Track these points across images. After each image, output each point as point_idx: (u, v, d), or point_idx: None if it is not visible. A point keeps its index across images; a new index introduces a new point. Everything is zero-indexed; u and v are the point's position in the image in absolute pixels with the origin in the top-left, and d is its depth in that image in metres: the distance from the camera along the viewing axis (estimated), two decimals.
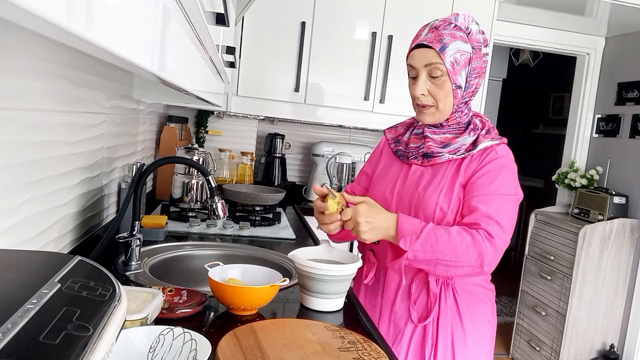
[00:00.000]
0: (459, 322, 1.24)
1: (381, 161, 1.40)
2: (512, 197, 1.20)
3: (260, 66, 2.62)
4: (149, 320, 0.92)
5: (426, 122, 1.24)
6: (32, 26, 0.28)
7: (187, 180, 1.98)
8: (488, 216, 1.15)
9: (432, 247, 1.12)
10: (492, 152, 1.23)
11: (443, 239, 1.13)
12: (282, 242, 1.83)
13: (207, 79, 1.22)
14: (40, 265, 0.54)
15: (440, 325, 1.23)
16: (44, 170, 1.01)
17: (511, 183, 1.21)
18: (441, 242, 1.13)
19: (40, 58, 0.94)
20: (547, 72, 4.81)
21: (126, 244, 1.32)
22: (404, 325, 1.26)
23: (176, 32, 0.65)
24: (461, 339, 1.24)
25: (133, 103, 1.84)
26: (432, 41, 1.16)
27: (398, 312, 1.28)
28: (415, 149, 1.29)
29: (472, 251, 1.13)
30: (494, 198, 1.18)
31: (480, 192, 1.18)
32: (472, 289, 1.27)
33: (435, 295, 1.23)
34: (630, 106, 2.97)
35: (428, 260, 1.14)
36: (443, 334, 1.23)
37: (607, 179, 3.06)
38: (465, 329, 1.24)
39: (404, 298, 1.27)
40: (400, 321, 1.27)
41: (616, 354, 2.84)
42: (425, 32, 1.19)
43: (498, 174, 1.20)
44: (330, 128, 3.14)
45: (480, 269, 1.15)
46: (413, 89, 1.22)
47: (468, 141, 1.24)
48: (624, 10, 2.67)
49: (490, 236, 1.14)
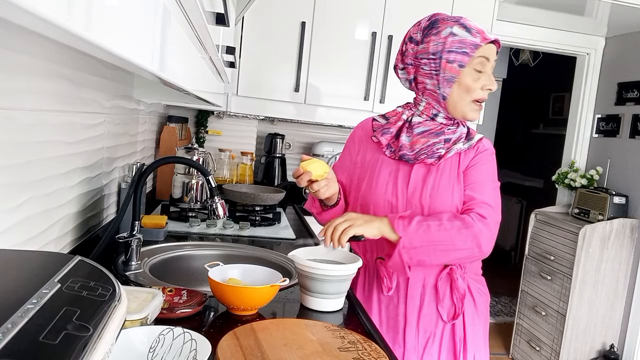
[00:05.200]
0: (476, 313, 1.28)
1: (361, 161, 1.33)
2: (497, 184, 1.27)
3: (260, 66, 2.62)
4: (149, 320, 0.92)
5: (476, 118, 1.25)
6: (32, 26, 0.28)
7: (187, 180, 1.98)
8: (482, 201, 1.20)
9: (425, 233, 1.13)
10: (481, 143, 1.27)
11: (434, 225, 1.14)
12: (282, 242, 1.83)
13: (207, 79, 1.22)
14: (40, 265, 0.54)
15: (466, 319, 1.26)
16: (44, 170, 1.01)
17: (496, 172, 1.28)
18: (433, 227, 1.14)
19: (40, 58, 0.94)
20: (547, 72, 4.81)
21: (126, 244, 1.32)
22: (434, 326, 1.26)
23: (176, 32, 0.65)
24: (480, 329, 1.29)
25: (133, 103, 1.84)
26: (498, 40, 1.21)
27: (426, 315, 1.26)
28: (427, 149, 1.23)
29: (465, 233, 1.14)
30: (484, 185, 1.22)
31: (474, 181, 1.22)
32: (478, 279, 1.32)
33: (463, 290, 1.25)
34: (630, 106, 2.97)
35: (424, 246, 1.13)
36: (469, 327, 1.26)
37: (607, 179, 3.06)
38: (480, 320, 1.29)
39: (431, 300, 1.26)
40: (430, 323, 1.26)
41: (616, 354, 2.84)
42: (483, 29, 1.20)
43: (487, 164, 1.25)
44: (330, 128, 3.14)
45: (479, 250, 1.16)
46: (487, 82, 1.20)
47: (464, 132, 1.27)
48: (624, 10, 2.67)
49: (482, 217, 1.17)
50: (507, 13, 2.97)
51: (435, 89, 1.21)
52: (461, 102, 1.20)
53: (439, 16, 1.22)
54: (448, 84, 1.18)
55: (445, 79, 1.18)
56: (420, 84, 1.24)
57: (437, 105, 1.24)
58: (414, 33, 1.24)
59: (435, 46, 1.17)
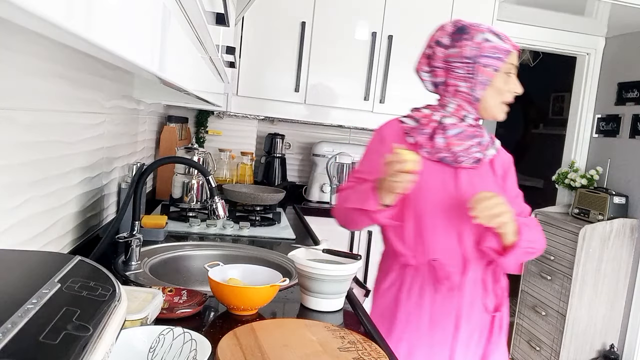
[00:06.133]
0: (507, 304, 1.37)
1: None
2: None
3: (260, 66, 2.62)
4: (149, 320, 0.92)
5: (503, 119, 1.31)
6: (32, 26, 0.28)
7: (187, 180, 1.98)
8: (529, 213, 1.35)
9: (528, 233, 1.22)
10: (502, 150, 1.37)
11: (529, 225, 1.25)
12: (282, 242, 1.83)
13: (207, 79, 1.22)
14: (40, 265, 0.54)
15: (503, 310, 1.34)
16: (44, 170, 1.01)
17: None
18: (531, 227, 1.25)
19: (40, 58, 0.94)
20: (547, 72, 4.80)
21: (126, 244, 1.32)
22: (481, 319, 1.31)
23: (176, 32, 0.65)
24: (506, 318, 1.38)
25: (133, 103, 1.84)
26: None
27: (476, 309, 1.30)
28: (464, 152, 1.25)
29: (543, 234, 1.30)
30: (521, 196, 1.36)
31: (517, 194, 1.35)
32: None
33: (504, 282, 1.34)
34: (630, 106, 2.97)
35: (528, 246, 1.22)
36: (505, 317, 1.35)
37: (607, 179, 3.06)
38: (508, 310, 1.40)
39: (478, 294, 1.30)
40: (478, 317, 1.30)
41: (616, 354, 2.84)
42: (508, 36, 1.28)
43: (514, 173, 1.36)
44: (330, 128, 3.14)
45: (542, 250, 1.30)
46: (514, 86, 1.28)
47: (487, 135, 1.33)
48: (624, 10, 2.67)
49: None
50: (507, 13, 2.97)
51: (469, 91, 1.25)
52: (493, 104, 1.27)
53: (464, 22, 1.26)
54: (482, 86, 1.24)
55: (480, 82, 1.24)
56: (451, 87, 1.27)
57: (468, 106, 1.27)
58: (440, 37, 1.27)
59: (471, 51, 1.22)
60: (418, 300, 1.29)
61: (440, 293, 1.27)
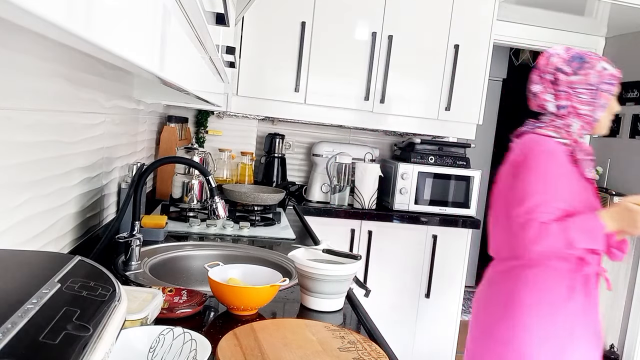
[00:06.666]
0: None
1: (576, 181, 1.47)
2: None
3: (260, 66, 2.62)
4: (149, 320, 0.92)
5: None
6: (32, 26, 0.28)
7: (187, 180, 1.98)
8: None
9: None
10: None
11: None
12: (282, 242, 1.83)
13: (207, 79, 1.22)
14: (40, 265, 0.54)
15: None
16: (44, 170, 1.01)
17: None
18: None
19: (40, 58, 0.94)
20: None
21: (126, 244, 1.32)
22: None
23: (176, 32, 0.65)
24: None
25: (133, 103, 1.84)
26: None
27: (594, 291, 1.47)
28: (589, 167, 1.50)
29: None
30: None
31: None
32: None
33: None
34: (630, 106, 2.97)
35: None
36: None
37: (607, 179, 3.06)
38: None
39: None
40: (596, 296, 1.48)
41: (616, 354, 2.84)
42: None
43: None
44: (330, 128, 3.14)
45: None
46: (617, 106, 1.49)
47: None
48: (624, 10, 2.67)
49: None
50: (507, 13, 2.97)
51: (590, 113, 1.45)
52: (605, 123, 1.49)
53: (577, 50, 1.47)
54: (602, 109, 1.45)
55: (600, 105, 1.44)
56: (573, 108, 1.45)
57: (587, 126, 1.47)
58: (560, 64, 1.46)
59: (594, 78, 1.43)
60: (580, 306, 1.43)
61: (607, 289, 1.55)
